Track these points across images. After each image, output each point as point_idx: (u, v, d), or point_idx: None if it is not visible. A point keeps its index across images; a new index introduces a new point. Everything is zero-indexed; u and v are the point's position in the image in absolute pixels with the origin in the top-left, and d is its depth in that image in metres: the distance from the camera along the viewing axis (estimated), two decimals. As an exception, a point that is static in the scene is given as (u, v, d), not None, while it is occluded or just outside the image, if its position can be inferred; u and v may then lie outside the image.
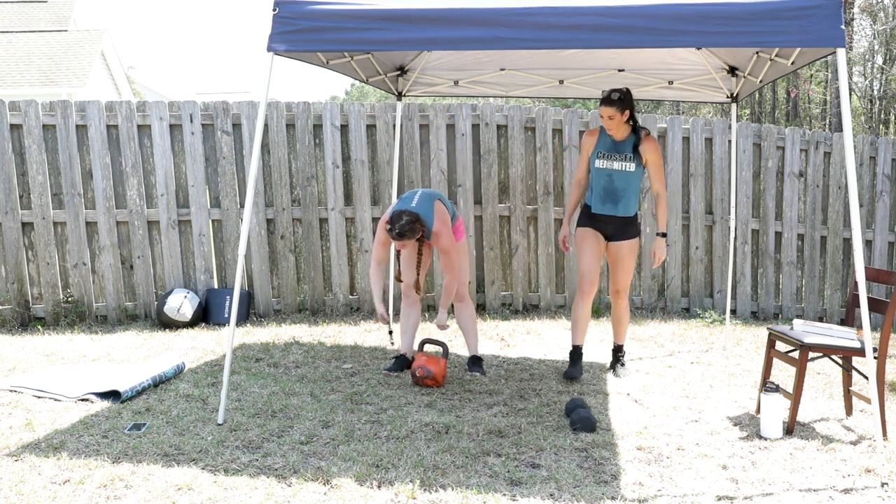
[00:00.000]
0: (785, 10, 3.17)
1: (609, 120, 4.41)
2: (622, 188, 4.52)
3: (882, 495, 3.09)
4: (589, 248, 4.61)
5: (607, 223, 4.60)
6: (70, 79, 16.08)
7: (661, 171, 4.58)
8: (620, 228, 4.60)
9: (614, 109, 4.39)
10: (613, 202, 4.54)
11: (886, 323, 3.67)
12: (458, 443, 3.53)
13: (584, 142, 4.63)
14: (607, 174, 4.52)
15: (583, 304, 4.65)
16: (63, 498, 2.94)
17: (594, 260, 4.60)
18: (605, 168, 4.51)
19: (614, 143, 4.51)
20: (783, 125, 21.17)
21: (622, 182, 4.51)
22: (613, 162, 4.50)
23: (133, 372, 4.43)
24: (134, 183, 6.10)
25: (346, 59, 4.97)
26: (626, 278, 4.68)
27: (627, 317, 4.80)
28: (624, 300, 4.73)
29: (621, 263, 4.64)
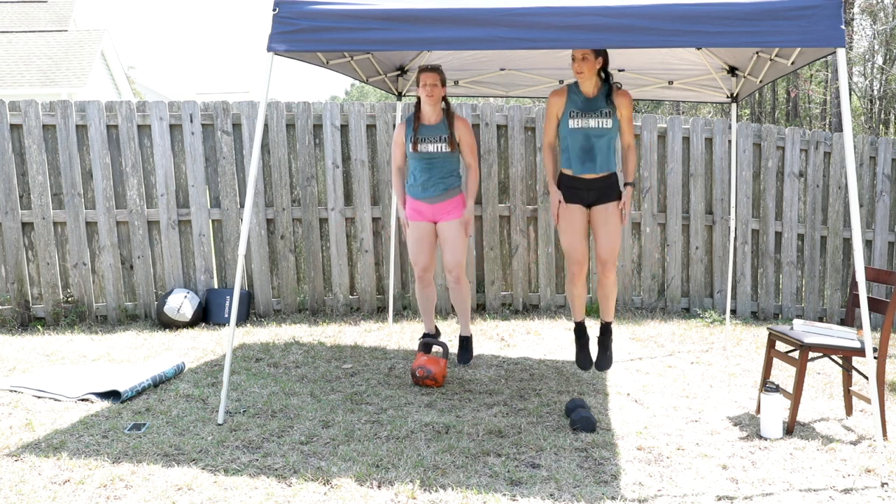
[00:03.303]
0: (785, 10, 3.17)
1: (582, 61, 4.13)
2: (600, 146, 4.25)
3: (882, 495, 3.08)
4: (571, 223, 4.34)
5: (589, 188, 4.31)
6: (70, 79, 16.08)
7: (632, 124, 4.39)
8: (602, 191, 4.32)
9: (589, 50, 4.12)
10: (592, 161, 4.26)
11: (886, 323, 3.67)
12: (458, 443, 3.53)
13: (551, 103, 4.31)
14: (584, 133, 4.23)
15: (576, 284, 4.43)
16: (63, 498, 2.94)
17: (580, 236, 4.35)
18: (581, 127, 4.22)
19: (587, 101, 4.26)
20: (783, 125, 21.19)
21: (599, 139, 4.24)
22: (589, 120, 4.24)
23: (133, 372, 4.43)
24: (134, 183, 6.10)
25: (346, 59, 4.97)
26: (612, 244, 4.33)
27: (616, 291, 4.48)
28: (612, 272, 4.38)
29: (605, 227, 4.31)
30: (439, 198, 4.70)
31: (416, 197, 4.74)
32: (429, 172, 4.65)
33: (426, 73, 4.55)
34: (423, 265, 4.80)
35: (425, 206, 4.72)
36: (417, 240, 4.77)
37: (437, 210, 4.73)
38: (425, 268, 4.81)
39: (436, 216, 4.75)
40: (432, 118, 4.65)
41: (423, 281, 4.86)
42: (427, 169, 4.65)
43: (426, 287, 4.88)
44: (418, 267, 4.81)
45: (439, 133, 4.63)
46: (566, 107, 4.29)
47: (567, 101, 4.30)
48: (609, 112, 4.24)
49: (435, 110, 4.64)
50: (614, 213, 4.34)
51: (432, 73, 4.55)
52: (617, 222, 4.34)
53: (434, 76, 4.55)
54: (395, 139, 4.78)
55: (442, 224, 4.74)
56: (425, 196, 4.70)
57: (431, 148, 4.62)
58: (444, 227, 4.74)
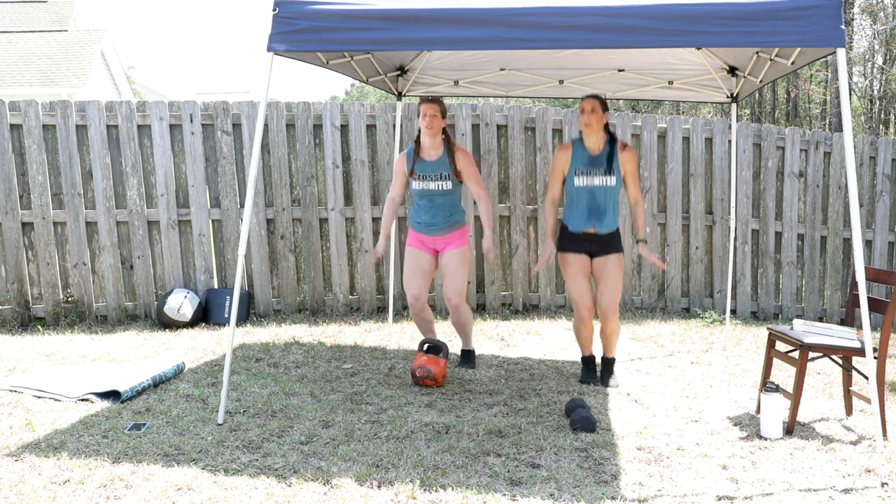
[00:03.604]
0: (785, 10, 3.17)
1: (591, 113, 4.26)
2: (604, 203, 4.35)
3: (882, 495, 3.09)
4: (576, 272, 4.44)
5: (591, 241, 4.42)
6: (70, 79, 16.08)
7: (638, 179, 4.47)
8: (605, 245, 4.43)
9: (598, 103, 4.29)
10: (598, 219, 4.37)
11: (886, 323, 3.67)
12: (458, 443, 3.53)
13: (558, 158, 4.43)
14: (588, 191, 4.34)
15: (584, 328, 4.52)
16: (63, 498, 2.94)
17: (585, 284, 4.44)
18: (586, 185, 4.33)
19: (591, 158, 4.35)
20: (783, 125, 21.19)
21: (604, 197, 4.34)
22: (594, 178, 4.32)
23: (133, 372, 4.43)
24: (134, 183, 6.10)
25: (346, 59, 4.97)
26: (614, 296, 4.40)
27: (619, 332, 4.55)
28: (613, 320, 4.44)
29: (606, 279, 4.40)
30: (441, 232, 4.62)
31: (418, 231, 4.66)
32: (431, 211, 4.57)
33: (426, 105, 4.45)
34: (415, 294, 4.66)
35: (427, 237, 4.66)
36: (413, 266, 4.66)
37: (438, 241, 4.66)
38: (416, 297, 4.66)
39: (437, 246, 4.68)
40: (432, 153, 4.54)
41: (416, 308, 4.71)
42: (429, 208, 4.57)
43: (420, 313, 4.73)
44: (409, 294, 4.68)
45: (440, 170, 4.52)
46: (572, 164, 4.38)
47: (573, 157, 4.39)
48: (613, 170, 4.33)
49: (434, 143, 4.52)
50: (616, 265, 4.42)
51: (432, 104, 4.46)
52: (619, 274, 4.42)
53: (434, 107, 4.45)
54: (396, 168, 4.68)
55: (444, 254, 4.65)
56: (427, 232, 4.63)
57: (433, 186, 4.52)
58: (447, 257, 4.64)
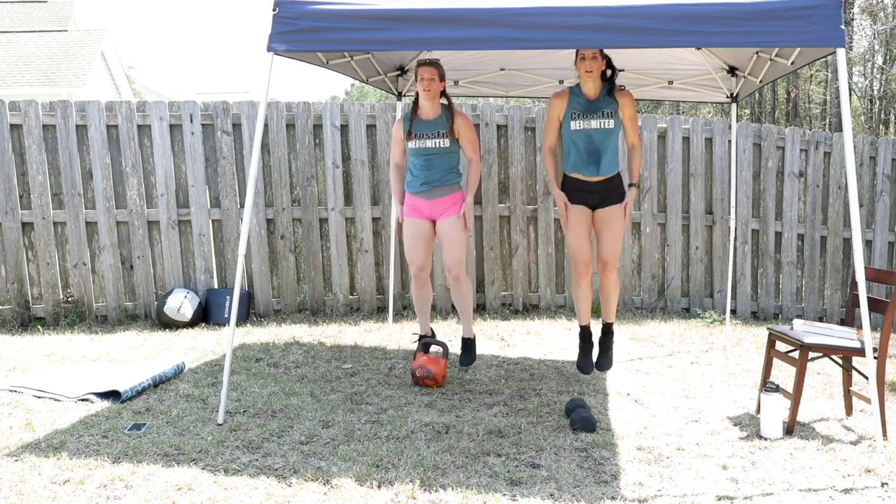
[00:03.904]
0: (785, 10, 3.17)
1: (592, 60, 4.17)
2: (603, 147, 4.25)
3: (882, 495, 3.08)
4: (576, 225, 4.35)
5: (592, 190, 4.33)
6: (70, 79, 16.08)
7: (636, 124, 4.39)
8: (605, 193, 4.33)
9: (597, 50, 4.18)
10: (596, 163, 4.27)
11: (886, 323, 3.67)
12: (458, 443, 3.53)
13: (553, 105, 4.33)
14: (586, 134, 4.24)
15: (582, 286, 4.43)
16: (63, 498, 2.94)
17: (585, 238, 4.37)
18: (584, 128, 4.24)
19: (588, 102, 4.28)
20: (783, 125, 21.20)
21: (602, 140, 4.25)
22: (591, 121, 4.25)
23: (133, 372, 4.43)
24: (134, 183, 6.10)
25: (346, 59, 4.97)
26: (614, 246, 4.33)
27: (618, 291, 4.47)
28: (614, 273, 4.38)
29: (609, 229, 4.33)
30: (437, 193, 4.58)
31: (414, 193, 4.63)
32: (428, 170, 4.55)
33: (423, 68, 4.47)
34: (419, 264, 4.67)
35: (423, 202, 4.61)
36: (413, 237, 4.65)
37: (434, 206, 4.61)
38: (421, 266, 4.68)
39: (434, 213, 4.63)
40: (430, 114, 4.55)
41: (419, 280, 4.72)
42: (426, 166, 4.55)
43: (422, 286, 4.75)
44: (414, 266, 4.69)
45: (438, 128, 4.53)
46: (568, 108, 4.29)
47: (569, 102, 4.30)
48: (611, 112, 4.25)
49: (433, 105, 4.54)
50: (618, 215, 4.34)
51: (430, 67, 4.47)
52: (620, 224, 4.34)
53: (432, 70, 4.47)
54: (394, 136, 4.71)
55: (441, 221, 4.61)
56: (424, 192, 4.59)
57: (430, 143, 4.52)
58: (443, 224, 4.61)
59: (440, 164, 4.56)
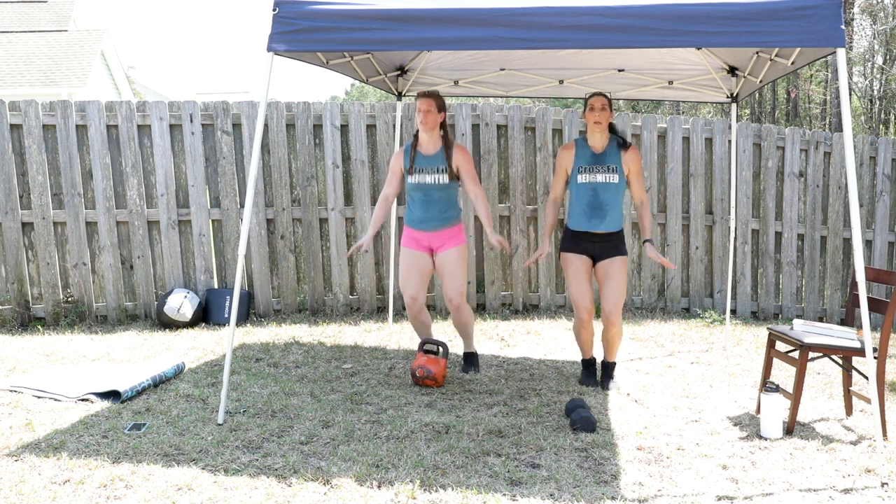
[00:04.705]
0: (785, 10, 3.17)
1: (601, 111, 4.25)
2: (607, 201, 4.32)
3: (882, 495, 3.09)
4: (577, 273, 4.40)
5: (594, 242, 4.38)
6: (70, 79, 16.08)
7: (643, 179, 4.46)
8: (608, 247, 4.38)
9: (606, 101, 4.28)
10: (600, 217, 4.33)
11: (886, 323, 3.67)
12: (458, 443, 3.53)
13: (561, 157, 4.42)
14: (591, 188, 4.31)
15: (584, 330, 4.47)
16: (63, 498, 2.94)
17: (586, 285, 4.40)
18: (589, 182, 4.31)
19: (595, 156, 4.34)
20: (783, 125, 21.20)
21: (607, 195, 4.31)
22: (597, 175, 4.31)
23: (133, 372, 4.43)
24: (134, 183, 6.11)
25: (346, 59, 4.97)
26: (617, 300, 4.33)
27: (621, 337, 4.51)
28: (616, 324, 4.38)
29: (611, 282, 4.36)
30: (436, 228, 4.53)
31: (413, 226, 4.58)
32: (426, 205, 4.49)
33: (421, 100, 4.42)
34: (412, 294, 4.58)
35: (422, 234, 4.55)
36: (409, 267, 4.58)
37: (433, 239, 4.55)
38: (414, 297, 4.58)
39: (433, 245, 4.57)
40: (430, 148, 4.49)
41: (413, 309, 4.63)
42: (425, 202, 4.49)
43: (417, 315, 4.65)
44: (407, 295, 4.60)
45: (437, 164, 4.47)
46: (575, 162, 4.37)
47: (576, 155, 4.38)
48: (616, 167, 4.32)
49: (432, 138, 4.48)
50: (619, 268, 4.38)
51: (427, 98, 4.42)
52: (623, 277, 4.39)
53: (428, 102, 4.41)
54: (392, 165, 4.61)
55: (441, 254, 4.55)
56: (422, 228, 4.54)
57: (429, 179, 4.46)
58: (443, 257, 4.55)
59: (439, 200, 4.50)
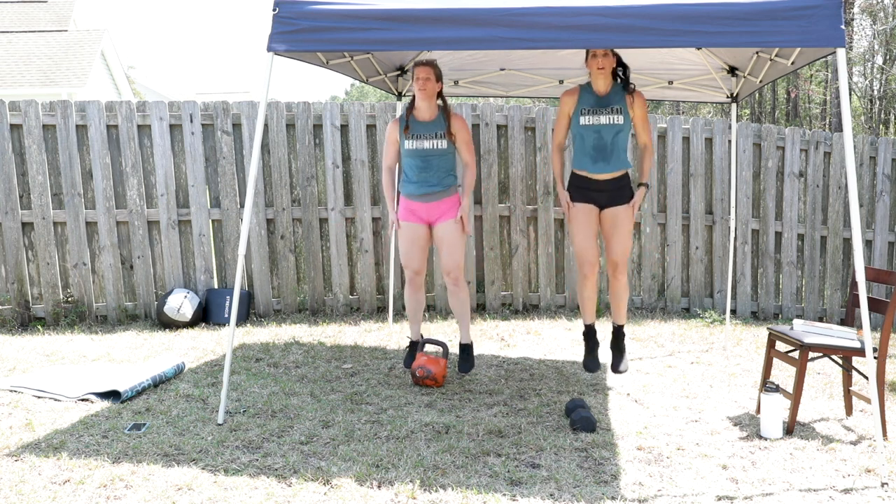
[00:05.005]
0: (785, 10, 3.17)
1: (604, 57, 4.15)
2: (612, 143, 4.21)
3: (882, 495, 3.09)
4: (582, 224, 4.29)
5: (601, 188, 4.28)
6: (70, 79, 16.08)
7: (648, 124, 4.37)
8: (614, 192, 4.29)
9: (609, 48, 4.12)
10: (605, 159, 4.22)
11: (886, 323, 3.67)
12: (458, 443, 3.53)
13: (563, 102, 4.32)
14: (595, 130, 4.21)
15: (587, 286, 4.35)
16: (63, 498, 2.94)
17: (590, 237, 4.31)
18: (593, 124, 4.20)
19: (598, 98, 4.26)
20: (783, 125, 21.20)
21: (612, 136, 4.21)
22: (601, 116, 4.22)
23: (133, 372, 4.43)
24: (134, 183, 6.11)
25: (346, 59, 4.97)
26: (624, 247, 4.29)
27: (628, 293, 4.44)
28: (623, 275, 4.34)
29: (618, 231, 4.28)
30: (434, 197, 4.52)
31: (410, 196, 4.55)
32: (424, 171, 4.48)
33: (420, 68, 4.43)
34: (415, 268, 4.61)
35: (419, 205, 4.54)
36: (409, 241, 4.59)
37: (431, 210, 4.55)
38: (417, 270, 4.62)
39: (430, 217, 4.57)
40: (427, 115, 4.49)
41: (415, 284, 4.67)
42: (422, 167, 4.48)
43: (417, 291, 4.69)
44: (409, 269, 4.62)
45: (435, 129, 4.47)
46: (577, 104, 4.28)
47: (579, 99, 4.29)
48: (620, 109, 4.23)
49: (430, 106, 4.48)
50: (626, 215, 4.30)
51: (426, 66, 4.43)
52: (629, 225, 4.31)
53: (427, 70, 4.43)
54: (388, 136, 4.61)
55: (438, 225, 4.56)
56: (420, 195, 4.52)
57: (427, 144, 4.45)
58: (441, 228, 4.55)
59: (437, 166, 4.49)
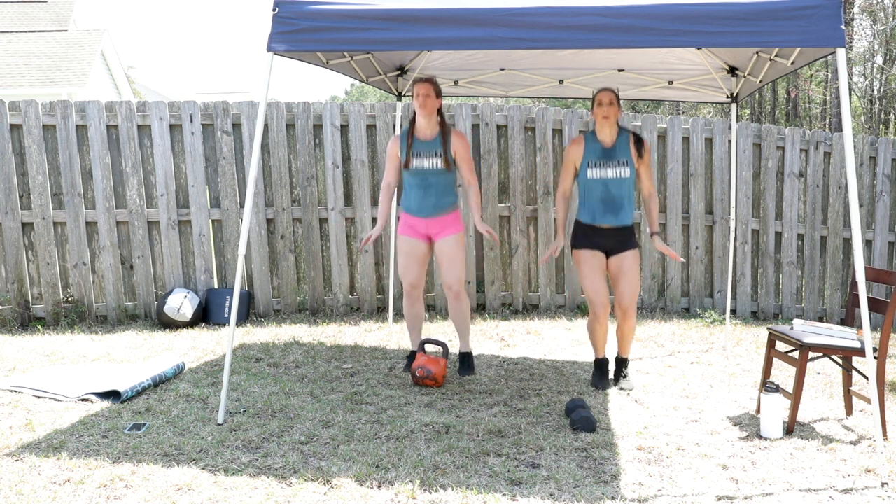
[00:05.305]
0: (785, 10, 3.17)
1: (609, 106, 4.22)
2: (619, 196, 4.31)
3: (882, 495, 3.09)
4: (592, 269, 4.36)
5: (607, 237, 4.37)
6: (70, 79, 16.08)
7: (651, 172, 4.44)
8: (620, 241, 4.38)
9: (614, 95, 4.25)
10: (613, 212, 4.32)
11: (886, 323, 3.67)
12: (458, 443, 3.53)
13: (570, 152, 4.39)
14: (602, 183, 4.29)
15: (599, 326, 4.44)
16: (63, 498, 2.94)
17: (601, 280, 4.36)
18: (600, 178, 4.29)
19: (604, 150, 4.31)
20: (783, 125, 21.20)
21: (618, 190, 4.30)
22: (608, 170, 4.28)
23: (133, 372, 4.43)
24: (134, 183, 6.11)
25: (346, 59, 4.97)
26: (633, 292, 4.36)
27: (634, 332, 4.51)
28: (632, 318, 4.41)
29: (626, 277, 4.36)
30: (434, 214, 4.52)
31: (410, 212, 4.56)
32: (424, 190, 4.48)
33: (419, 84, 4.41)
34: (412, 282, 4.60)
35: (419, 221, 4.54)
36: (407, 255, 4.58)
37: (431, 225, 4.54)
38: (414, 284, 4.61)
39: (430, 232, 4.57)
40: (427, 133, 4.48)
41: (411, 297, 4.66)
42: (422, 186, 4.47)
43: (414, 304, 4.68)
44: (406, 283, 4.61)
45: (434, 148, 4.46)
46: (584, 156, 4.34)
47: (585, 150, 4.34)
48: (626, 161, 4.29)
49: (430, 123, 4.47)
50: (633, 261, 4.38)
51: (426, 83, 4.41)
52: (637, 271, 4.38)
53: (427, 87, 4.40)
54: (389, 152, 4.61)
55: (439, 241, 4.55)
56: (419, 212, 4.52)
57: (426, 164, 4.44)
58: (442, 243, 4.54)
59: (437, 185, 4.49)
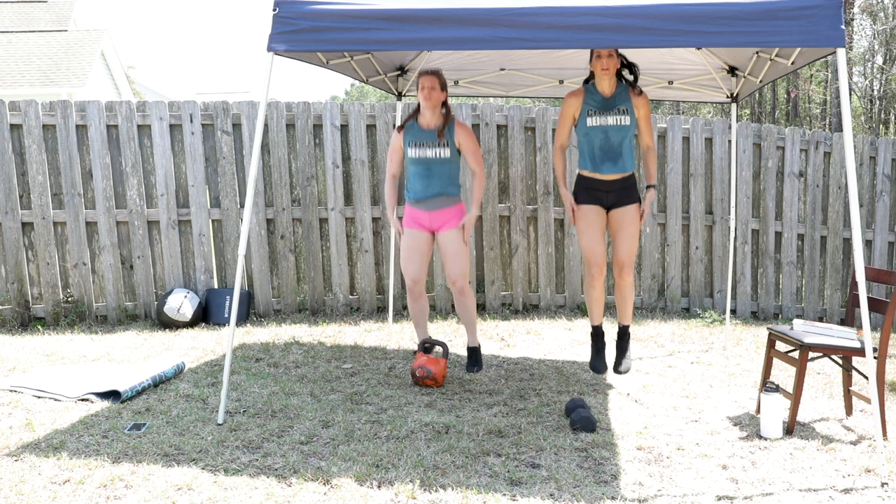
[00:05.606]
0: (785, 10, 3.17)
1: (608, 58, 4.15)
2: (619, 144, 4.21)
3: (882, 495, 3.09)
4: (590, 225, 4.29)
5: (607, 189, 4.28)
6: (70, 79, 16.08)
7: (650, 124, 4.37)
8: (621, 193, 4.28)
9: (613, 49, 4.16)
10: (612, 160, 4.22)
11: (886, 323, 3.67)
12: (458, 443, 3.53)
13: (568, 103, 4.30)
14: (603, 131, 4.20)
15: (595, 287, 4.35)
16: (63, 498, 2.94)
17: (598, 238, 4.30)
18: (601, 125, 4.20)
19: (604, 100, 4.25)
20: (783, 125, 21.19)
21: (618, 137, 4.21)
22: (608, 117, 4.21)
23: (133, 372, 4.43)
24: (134, 183, 6.11)
25: (346, 59, 4.97)
26: (631, 247, 4.29)
27: (633, 293, 4.43)
28: (630, 275, 4.34)
29: (624, 231, 4.29)
30: (437, 205, 4.52)
31: (414, 204, 4.56)
32: (427, 179, 4.49)
33: (424, 77, 4.45)
34: (414, 276, 4.60)
35: (423, 214, 4.55)
36: (410, 249, 4.58)
37: (434, 218, 4.55)
38: (416, 279, 4.61)
39: (434, 225, 4.57)
40: (431, 123, 4.51)
41: (414, 293, 4.66)
42: (425, 176, 4.49)
43: (417, 299, 4.68)
44: (409, 277, 4.61)
45: (437, 138, 4.48)
46: (584, 106, 4.27)
47: (584, 100, 4.28)
48: (627, 109, 4.23)
49: (434, 115, 4.50)
50: (633, 216, 4.30)
51: (431, 76, 4.45)
52: (635, 225, 4.31)
53: (433, 79, 4.44)
54: (392, 144, 4.64)
55: (442, 234, 4.56)
56: (423, 204, 4.53)
57: (430, 153, 4.46)
58: (444, 237, 4.55)
59: (439, 174, 4.49)
